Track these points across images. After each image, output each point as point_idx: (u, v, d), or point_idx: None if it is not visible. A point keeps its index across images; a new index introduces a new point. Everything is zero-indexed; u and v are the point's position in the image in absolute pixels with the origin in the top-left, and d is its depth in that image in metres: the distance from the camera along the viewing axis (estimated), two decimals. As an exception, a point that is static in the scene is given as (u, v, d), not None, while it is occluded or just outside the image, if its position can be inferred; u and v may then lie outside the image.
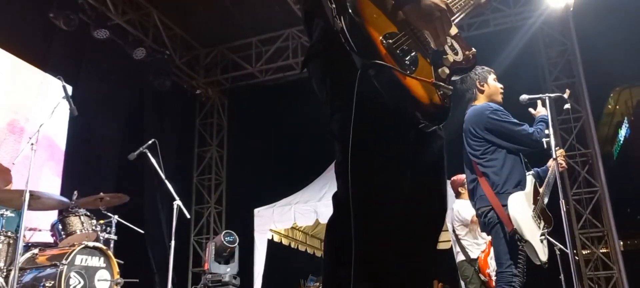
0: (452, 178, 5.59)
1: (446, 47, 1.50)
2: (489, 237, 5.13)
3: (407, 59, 1.36)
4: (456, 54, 1.52)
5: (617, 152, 24.60)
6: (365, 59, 1.30)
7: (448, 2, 1.55)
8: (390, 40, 1.35)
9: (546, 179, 3.32)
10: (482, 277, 4.93)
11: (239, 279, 7.04)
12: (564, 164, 3.42)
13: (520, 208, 3.06)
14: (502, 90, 3.40)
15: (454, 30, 1.55)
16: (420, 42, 1.44)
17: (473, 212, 5.05)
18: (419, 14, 1.41)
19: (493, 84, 3.39)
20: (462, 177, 5.40)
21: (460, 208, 5.26)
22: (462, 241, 5.18)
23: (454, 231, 5.34)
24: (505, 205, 3.08)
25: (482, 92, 3.40)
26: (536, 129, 3.23)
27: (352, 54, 1.32)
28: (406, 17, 1.43)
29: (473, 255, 5.05)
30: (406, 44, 1.39)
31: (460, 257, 5.18)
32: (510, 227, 3.02)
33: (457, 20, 1.63)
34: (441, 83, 1.38)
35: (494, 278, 4.85)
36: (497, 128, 3.23)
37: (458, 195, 5.41)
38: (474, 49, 1.56)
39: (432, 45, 1.46)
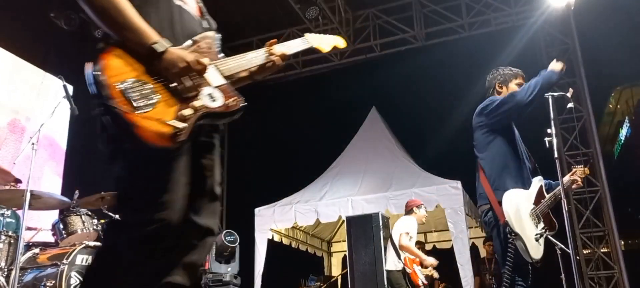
0: (408, 201, 6.11)
1: (203, 94, 1.70)
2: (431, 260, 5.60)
3: (142, 100, 1.57)
4: (213, 101, 1.71)
5: (618, 151, 24.58)
6: (97, 100, 1.55)
7: (216, 60, 1.82)
8: (126, 84, 1.57)
9: (553, 192, 3.30)
10: (407, 270, 5.37)
11: (240, 279, 7.04)
12: (579, 182, 3.42)
13: (515, 202, 3.06)
14: None
15: (217, 81, 1.77)
16: (169, 88, 1.65)
17: (404, 230, 5.51)
18: (162, 67, 1.64)
19: (513, 89, 3.31)
20: (417, 201, 5.98)
21: (399, 224, 5.71)
22: (400, 251, 5.51)
23: (392, 241, 5.65)
24: (500, 202, 3.08)
25: (499, 93, 3.37)
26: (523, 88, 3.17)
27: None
28: (158, 69, 1.65)
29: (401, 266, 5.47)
30: (150, 88, 1.61)
31: (390, 266, 5.59)
32: (502, 219, 3.03)
33: (236, 73, 1.89)
34: (172, 122, 1.58)
35: (421, 278, 5.40)
36: (488, 104, 3.26)
37: (409, 212, 5.84)
38: (238, 99, 1.77)
39: (180, 90, 1.66)
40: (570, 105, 3.41)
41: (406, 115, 9.29)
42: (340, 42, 2.45)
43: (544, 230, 3.13)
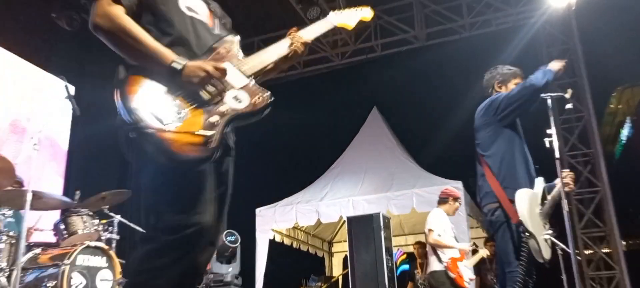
0: (444, 188, 5.72)
1: (227, 99, 1.75)
2: (464, 245, 5.32)
3: (170, 117, 1.64)
4: (239, 102, 1.77)
5: (620, 151, 24.53)
6: (129, 126, 1.61)
7: (236, 61, 1.86)
8: (153, 105, 1.63)
9: (551, 194, 3.30)
10: (451, 274, 5.00)
11: (241, 279, 7.05)
12: (571, 185, 3.39)
13: (527, 203, 3.05)
14: None
15: (241, 82, 1.81)
16: (195, 98, 1.71)
17: (428, 227, 5.16)
18: (184, 81, 1.69)
19: (512, 89, 3.31)
20: (450, 191, 5.53)
21: (430, 218, 5.33)
22: (438, 249, 5.20)
23: (427, 240, 5.36)
24: (511, 201, 3.06)
25: (497, 93, 3.36)
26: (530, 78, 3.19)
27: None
28: (180, 84, 1.71)
29: (444, 264, 5.15)
30: (173, 105, 1.67)
31: (434, 267, 5.22)
32: (515, 219, 3.01)
33: (259, 70, 1.92)
34: (202, 131, 1.65)
35: (466, 278, 5.02)
36: (498, 100, 3.23)
37: (440, 202, 5.47)
38: (265, 94, 1.82)
39: (205, 99, 1.72)
40: (569, 105, 3.41)
41: (407, 116, 9.30)
42: (366, 13, 2.34)
43: (549, 231, 3.13)
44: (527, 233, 2.98)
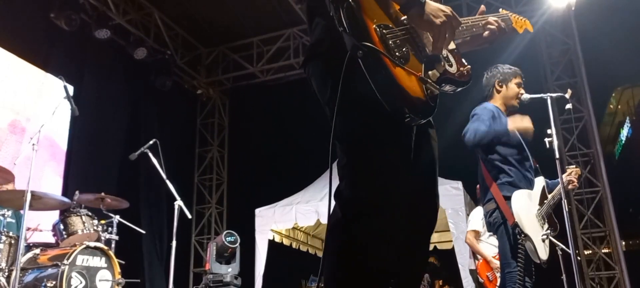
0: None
1: (441, 56, 1.54)
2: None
3: (398, 51, 1.39)
4: (450, 65, 1.56)
5: (619, 152, 24.56)
6: (356, 41, 1.33)
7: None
8: (384, 30, 1.39)
9: (553, 193, 3.30)
10: (480, 279, 5.00)
11: (240, 279, 7.04)
12: (575, 182, 3.40)
13: (523, 204, 3.07)
14: (520, 96, 3.35)
15: (451, 45, 1.61)
16: (416, 43, 1.48)
17: (468, 228, 5.17)
18: (423, 17, 1.44)
19: (512, 88, 3.35)
20: None
21: (477, 216, 5.34)
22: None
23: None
24: (507, 198, 3.07)
25: (498, 92, 3.38)
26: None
27: (344, 35, 1.35)
28: (409, 20, 1.47)
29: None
30: (400, 38, 1.42)
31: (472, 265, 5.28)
32: (511, 220, 3.02)
33: (459, 40, 1.71)
34: (429, 80, 1.42)
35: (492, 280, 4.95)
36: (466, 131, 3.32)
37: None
38: (469, 66, 1.62)
39: (428, 49, 1.49)
40: (568, 106, 3.42)
41: (407, 116, 9.26)
42: (529, 25, 2.25)
43: (549, 231, 3.14)
44: (523, 235, 2.99)
